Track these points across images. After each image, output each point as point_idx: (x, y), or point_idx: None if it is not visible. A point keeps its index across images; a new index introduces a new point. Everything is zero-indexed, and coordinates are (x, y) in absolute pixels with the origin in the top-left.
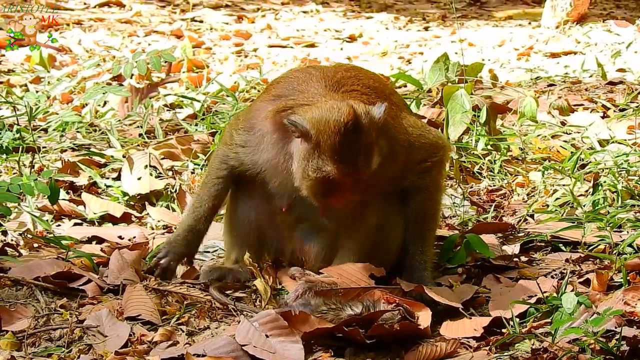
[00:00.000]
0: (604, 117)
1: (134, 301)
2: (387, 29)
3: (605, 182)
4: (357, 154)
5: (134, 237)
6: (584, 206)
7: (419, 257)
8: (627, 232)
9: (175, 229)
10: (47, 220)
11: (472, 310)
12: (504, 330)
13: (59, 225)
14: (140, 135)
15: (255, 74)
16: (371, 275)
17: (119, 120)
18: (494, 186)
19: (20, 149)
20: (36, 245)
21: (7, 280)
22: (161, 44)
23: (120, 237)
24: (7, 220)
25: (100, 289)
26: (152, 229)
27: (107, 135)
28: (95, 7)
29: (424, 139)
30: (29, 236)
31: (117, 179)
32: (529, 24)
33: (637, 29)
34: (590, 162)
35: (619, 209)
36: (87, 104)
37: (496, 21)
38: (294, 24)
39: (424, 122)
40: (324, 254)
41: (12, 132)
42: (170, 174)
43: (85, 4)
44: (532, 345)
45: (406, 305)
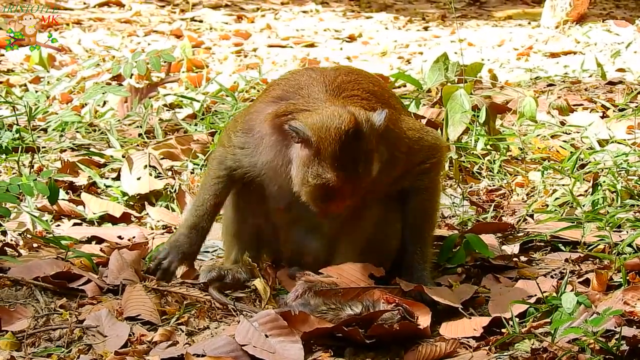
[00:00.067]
0: (603, 117)
1: (134, 301)
2: (386, 28)
3: (604, 182)
4: (358, 161)
5: (134, 237)
6: (584, 206)
7: (418, 257)
8: (627, 232)
9: (175, 229)
10: (46, 220)
11: (472, 310)
12: (503, 330)
13: (59, 225)
14: (139, 135)
15: (254, 74)
16: (371, 275)
17: (119, 120)
18: (494, 186)
19: (19, 149)
20: (36, 245)
21: (6, 280)
22: (161, 43)
23: (119, 237)
24: (7, 220)
25: (99, 289)
26: (152, 229)
27: (106, 135)
28: (94, 6)
29: (423, 142)
30: (28, 236)
31: (117, 179)
32: (529, 23)
33: (637, 29)
34: (589, 162)
35: (619, 208)
36: (86, 104)
37: (496, 21)
38: (294, 24)
39: (422, 122)
40: (322, 254)
41: (11, 132)
42: (169, 174)
43: (84, 3)
44: (532, 345)
45: (406, 305)
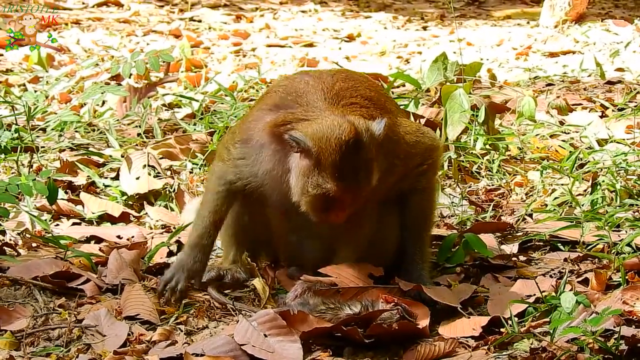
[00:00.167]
0: (602, 117)
1: (133, 300)
2: (385, 28)
3: (603, 181)
4: (358, 171)
5: (133, 237)
6: (583, 205)
7: (417, 257)
8: (626, 231)
9: (174, 229)
10: (45, 219)
11: (471, 309)
12: (502, 329)
13: (58, 224)
14: (138, 134)
15: (253, 74)
16: (370, 274)
17: (118, 119)
18: (493, 186)
19: (18, 149)
20: (35, 244)
21: (5, 279)
22: (159, 43)
23: (118, 237)
24: (6, 219)
25: (98, 288)
26: (151, 229)
27: (105, 134)
28: (93, 6)
29: (420, 145)
30: (27, 236)
31: (116, 178)
32: (528, 23)
33: (636, 29)
34: (588, 161)
35: (618, 208)
36: (85, 104)
37: (494, 20)
38: (293, 24)
39: (418, 123)
40: (321, 256)
41: (10, 131)
42: (168, 173)
43: (83, 3)
44: (531, 344)
45: (405, 304)
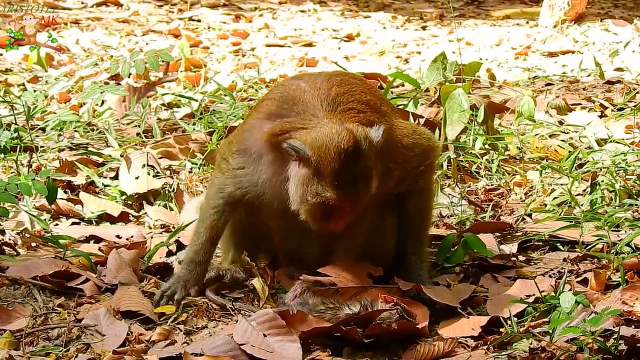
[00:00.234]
0: (601, 117)
1: (127, 300)
2: (384, 28)
3: (603, 181)
4: (357, 179)
5: (132, 237)
6: (582, 205)
7: (416, 257)
8: (625, 231)
9: (173, 228)
10: (45, 219)
11: (470, 309)
12: (501, 329)
13: (57, 224)
14: (137, 134)
15: (253, 73)
16: (369, 274)
17: (117, 119)
18: (492, 185)
19: (18, 149)
20: (34, 244)
21: (5, 279)
22: (159, 43)
23: (118, 236)
24: (5, 219)
25: (98, 288)
26: (150, 228)
27: (104, 134)
28: (92, 6)
29: (417, 147)
30: (26, 235)
31: (115, 178)
32: (527, 23)
33: (635, 29)
34: (588, 161)
35: (617, 208)
36: (84, 103)
37: (494, 20)
38: (292, 23)
39: (414, 124)
40: (320, 257)
41: (9, 131)
42: (168, 173)
43: (82, 3)
44: (530, 344)
45: (404, 304)
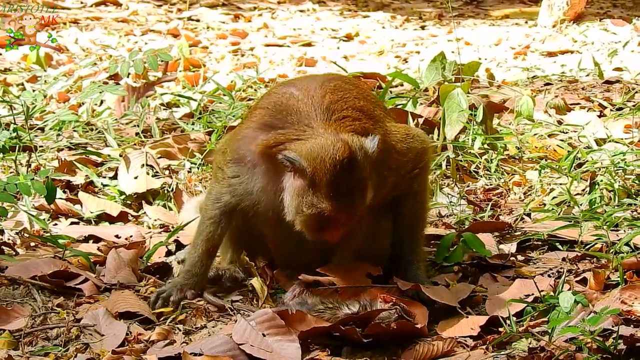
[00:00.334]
0: (600, 116)
1: (122, 302)
2: (383, 28)
3: (602, 181)
4: (352, 190)
5: (131, 236)
6: (581, 205)
7: (413, 258)
8: (624, 231)
9: (172, 228)
10: (44, 219)
11: (469, 309)
12: (500, 329)
13: (56, 224)
14: (136, 134)
15: (252, 73)
16: (368, 274)
17: (116, 119)
18: (491, 185)
19: (17, 148)
20: (33, 244)
21: (4, 279)
22: (158, 42)
23: (117, 236)
24: (4, 219)
25: (97, 288)
26: (149, 228)
27: (103, 134)
28: (91, 6)
29: (411, 151)
30: (25, 235)
31: (114, 178)
32: (526, 22)
33: (634, 28)
34: (587, 161)
35: (616, 207)
36: (83, 103)
37: (493, 20)
38: (291, 23)
39: (407, 126)
40: (314, 265)
41: (8, 131)
42: (167, 173)
43: (81, 2)
44: (529, 344)
45: (403, 304)
